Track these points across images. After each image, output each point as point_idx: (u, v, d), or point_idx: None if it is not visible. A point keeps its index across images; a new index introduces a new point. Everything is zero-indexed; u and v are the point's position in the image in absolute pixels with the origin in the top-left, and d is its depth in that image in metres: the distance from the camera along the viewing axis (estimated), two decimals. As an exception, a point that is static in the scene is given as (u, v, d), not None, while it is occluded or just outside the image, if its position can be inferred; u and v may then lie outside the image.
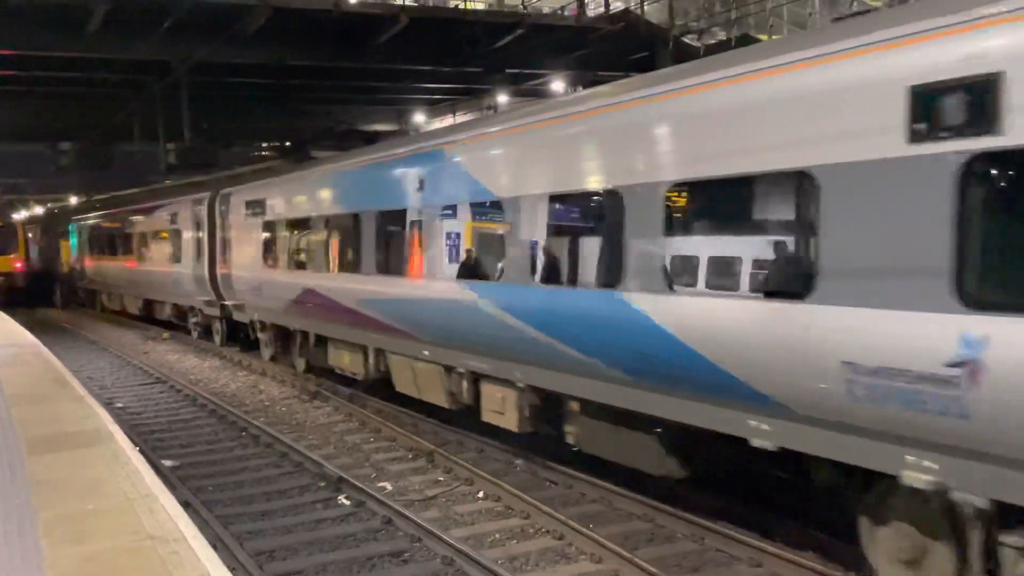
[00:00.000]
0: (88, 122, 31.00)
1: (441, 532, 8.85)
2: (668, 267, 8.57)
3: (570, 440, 10.39)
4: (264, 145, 41.00)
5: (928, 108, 5.94)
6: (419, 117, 33.45)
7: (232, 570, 5.83)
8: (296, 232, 17.63)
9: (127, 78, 25.66)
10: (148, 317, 29.75)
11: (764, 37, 21.21)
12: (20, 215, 58.17)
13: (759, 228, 8.71)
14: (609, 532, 8.87)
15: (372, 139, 29.86)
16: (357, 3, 21.63)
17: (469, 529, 9.29)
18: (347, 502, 10.30)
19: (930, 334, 5.88)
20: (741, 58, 7.88)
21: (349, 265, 14.90)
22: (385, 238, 13.84)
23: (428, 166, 12.51)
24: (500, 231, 11.32)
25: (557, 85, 26.19)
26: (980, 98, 5.63)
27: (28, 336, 19.56)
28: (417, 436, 12.98)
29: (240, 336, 22.48)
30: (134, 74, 25.06)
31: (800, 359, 6.77)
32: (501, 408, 11.19)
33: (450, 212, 12.34)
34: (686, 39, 22.46)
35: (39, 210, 63.05)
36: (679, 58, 19.28)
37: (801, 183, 7.29)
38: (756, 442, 7.54)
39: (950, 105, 5.82)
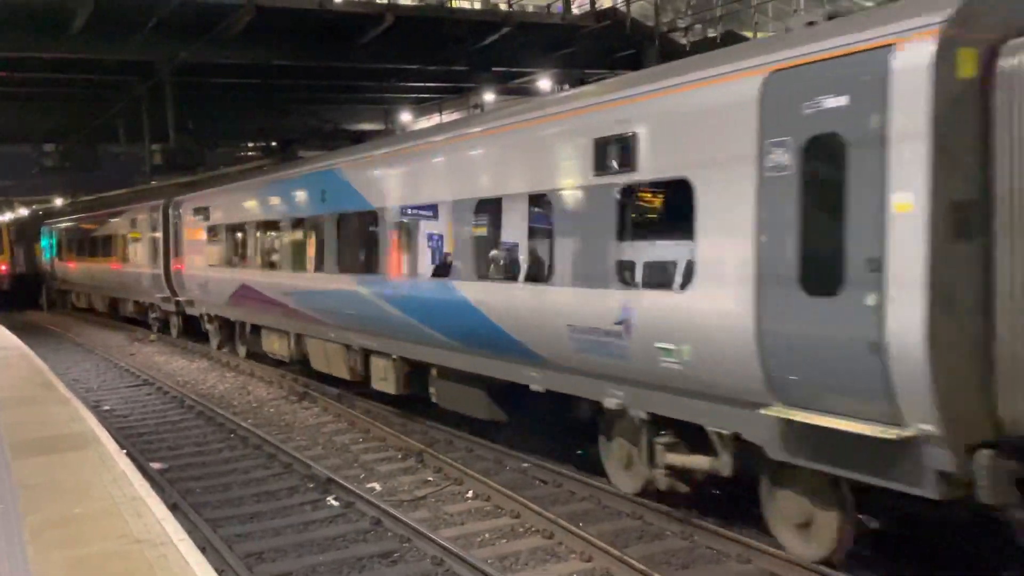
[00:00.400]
0: (72, 123, 30.83)
1: (431, 532, 8.84)
2: (476, 262, 11.52)
3: (433, 399, 13.10)
4: (250, 145, 40.88)
5: (602, 153, 9.14)
6: (405, 116, 33.41)
7: (221, 572, 5.81)
8: (233, 235, 20.52)
9: (111, 79, 25.54)
10: (123, 316, 31.57)
11: (749, 34, 21.26)
12: (5, 217, 57.83)
13: (523, 233, 11.32)
14: (599, 530, 8.88)
15: (359, 138, 29.82)
16: (342, 2, 21.57)
17: (459, 529, 9.28)
18: (336, 503, 10.27)
19: (607, 304, 8.97)
20: (492, 118, 12.32)
21: (273, 263, 18.11)
22: (298, 240, 16.83)
23: (326, 182, 15.46)
24: (376, 234, 13.79)
25: (544, 83, 26.20)
26: (625, 149, 8.84)
27: (13, 339, 19.47)
28: (406, 436, 12.96)
29: (194, 329, 24.74)
30: (118, 75, 24.93)
31: (549, 324, 9.83)
32: (384, 376, 14.02)
33: (342, 219, 15.05)
34: (672, 36, 22.50)
35: (24, 212, 62.73)
36: (665, 55, 19.30)
37: (542, 202, 10.36)
38: (533, 387, 10.50)
39: (612, 152, 9.01)
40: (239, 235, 20.17)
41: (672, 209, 9.55)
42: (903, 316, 6.29)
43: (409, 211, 13.04)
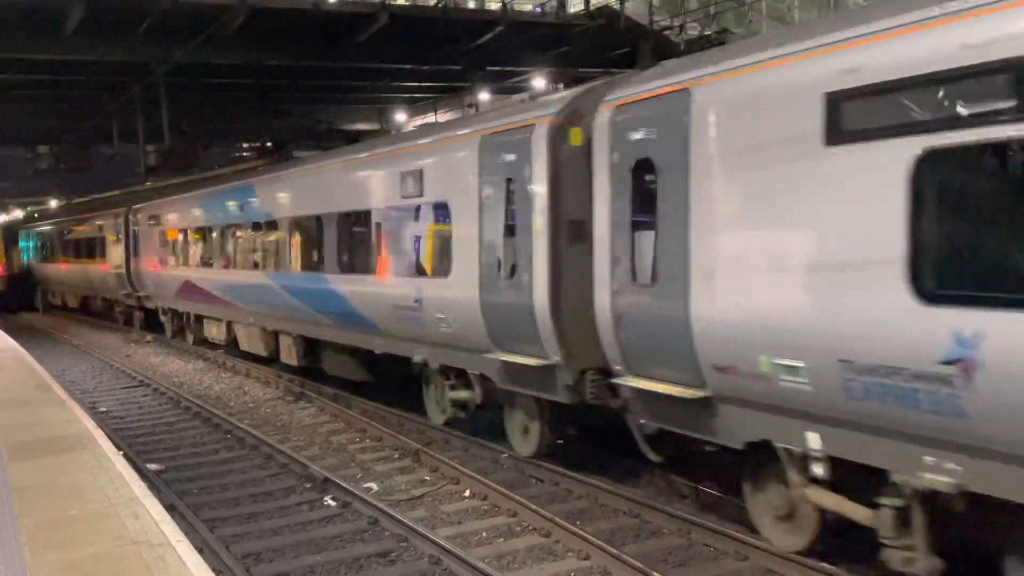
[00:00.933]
0: (66, 125, 30.76)
1: (428, 531, 8.84)
2: (339, 259, 15.11)
3: (325, 368, 16.89)
4: (245, 145, 40.84)
5: (405, 182, 12.95)
6: (400, 116, 33.38)
7: (219, 573, 5.80)
8: (178, 239, 24.10)
9: (105, 80, 25.46)
10: (93, 311, 35.53)
11: (743, 31, 21.27)
12: (-1, 219, 57.71)
13: (367, 238, 14.22)
14: (596, 529, 8.89)
15: (354, 138, 29.83)
16: (336, 1, 21.53)
17: (456, 528, 9.28)
18: (333, 503, 10.27)
19: (410, 289, 12.61)
20: (347, 152, 16.18)
21: (208, 263, 21.84)
22: (227, 243, 20.62)
23: (244, 196, 19.66)
24: (280, 238, 17.60)
25: (538, 82, 26.18)
26: (417, 180, 12.66)
27: (8, 340, 19.42)
28: (403, 436, 12.96)
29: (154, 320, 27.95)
30: (112, 76, 24.86)
31: (383, 304, 13.38)
32: (289, 353, 17.72)
33: (256, 225, 18.86)
34: (666, 34, 22.48)
35: (19, 213, 62.60)
36: (660, 54, 19.30)
37: (375, 215, 13.84)
38: (376, 351, 14.35)
39: (410, 182, 12.88)
40: (182, 239, 23.79)
41: (446, 222, 12.16)
42: (540, 291, 10.02)
43: (298, 220, 16.86)
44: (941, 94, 5.96)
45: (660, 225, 8.52)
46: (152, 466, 12.01)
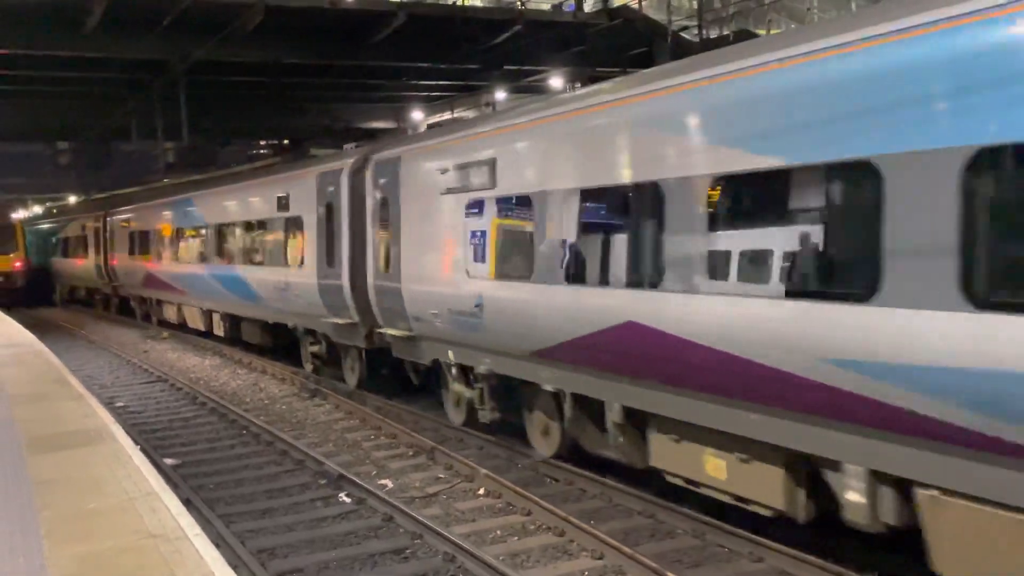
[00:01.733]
0: (86, 121, 31.01)
1: (442, 529, 8.86)
2: (242, 252, 20.54)
3: (245, 338, 21.82)
4: (263, 143, 41.01)
5: (281, 202, 18.26)
6: (417, 114, 33.43)
7: (234, 568, 5.83)
8: (143, 238, 29.08)
9: (125, 77, 25.67)
10: (78, 299, 41.44)
11: (762, 32, 21.21)
12: (19, 215, 58.09)
13: (258, 241, 19.83)
14: (610, 528, 8.89)
15: (371, 136, 29.89)
16: (355, 0, 21.61)
17: (470, 526, 9.30)
18: (348, 500, 10.31)
19: (283, 277, 17.91)
20: (238, 177, 23.34)
21: (163, 257, 26.74)
22: (178, 242, 25.54)
23: (186, 205, 25.03)
24: (209, 239, 22.95)
25: (556, 81, 26.19)
26: (285, 201, 17.90)
27: (28, 335, 19.58)
28: (417, 433, 12.99)
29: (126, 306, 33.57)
30: (132, 73, 25.06)
31: (271, 287, 18.39)
32: (220, 328, 23.10)
33: (198, 230, 24.08)
34: (684, 34, 22.45)
35: (38, 209, 63.04)
36: (677, 53, 19.28)
37: (258, 225, 19.15)
38: (270, 321, 19.68)
39: (282, 202, 18.11)
40: (143, 237, 28.93)
41: (301, 230, 17.40)
42: (344, 276, 15.29)
43: (219, 226, 22.20)
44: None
45: (391, 235, 13.75)
46: (169, 461, 12.09)
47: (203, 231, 23.42)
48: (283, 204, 18.04)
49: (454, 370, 12.50)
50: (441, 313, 12.01)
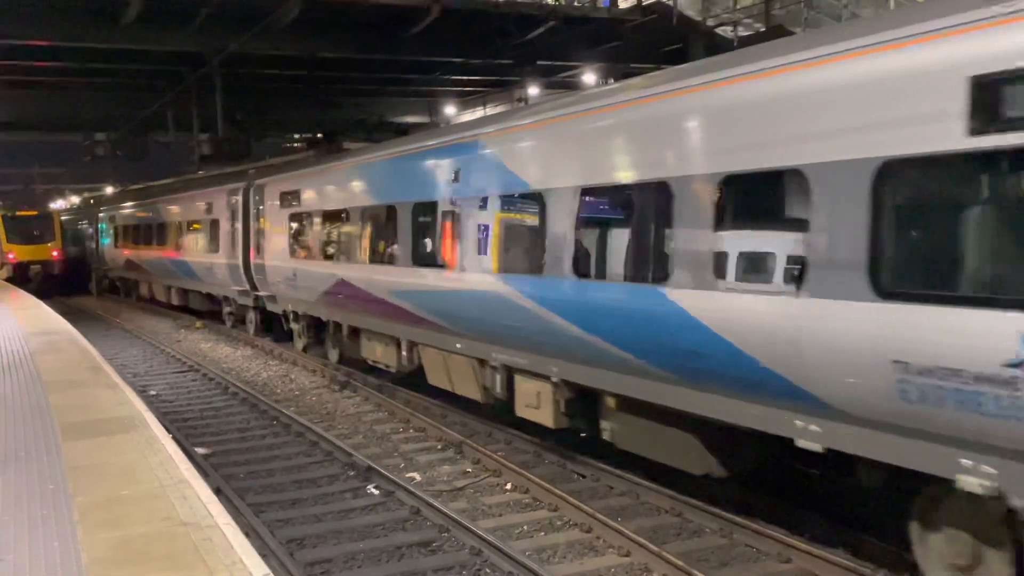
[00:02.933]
0: (123, 113, 31.32)
1: (469, 523, 8.89)
2: (185, 243, 27.74)
3: (192, 305, 28.51)
4: (296, 136, 41.22)
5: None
6: (450, 109, 33.45)
7: (263, 557, 5.88)
8: (127, 231, 35.53)
9: (162, 69, 25.90)
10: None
11: (798, 30, 20.98)
12: (57, 205, 58.91)
13: (199, 234, 26.48)
14: (637, 526, 8.87)
15: (403, 131, 29.96)
16: (389, -6, 21.63)
17: (497, 520, 9.32)
18: (376, 492, 10.37)
19: (209, 259, 25.36)
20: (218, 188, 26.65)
21: (143, 246, 32.62)
22: (149, 237, 31.72)
23: (152, 210, 31.87)
24: (161, 238, 30.47)
25: (589, 77, 26.09)
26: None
27: (64, 323, 19.85)
28: (446, 427, 13.03)
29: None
30: (168, 65, 25.28)
31: (204, 269, 25.98)
32: (169, 298, 30.55)
33: (157, 231, 31.18)
34: (720, 31, 22.27)
35: (75, 199, 63.87)
36: (712, 50, 19.13)
37: (201, 225, 26.43)
38: (214, 294, 26.34)
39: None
40: (129, 231, 35.23)
41: (219, 227, 24.45)
42: (241, 259, 22.55)
43: (186, 226, 28.21)
44: None
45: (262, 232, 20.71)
46: (200, 450, 12.22)
47: (170, 233, 30.25)
48: (209, 209, 25.37)
49: (291, 315, 19.89)
50: (282, 280, 19.53)
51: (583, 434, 11.12)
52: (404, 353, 14.34)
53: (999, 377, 5.49)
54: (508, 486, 10.47)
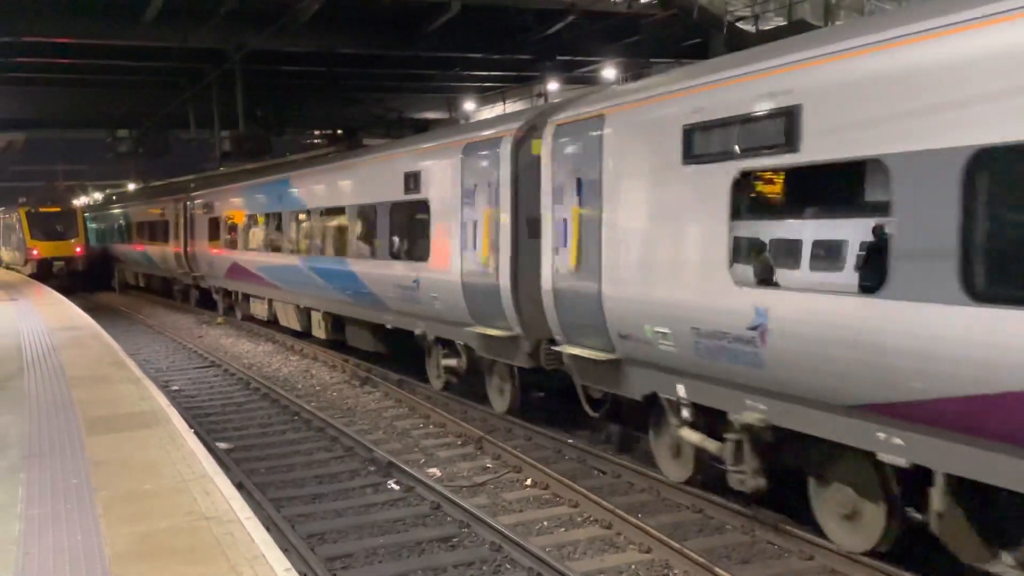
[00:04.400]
0: (145, 110, 31.58)
1: (489, 519, 8.88)
2: (143, 238, 36.74)
3: (131, 282, 41.31)
4: (316, 133, 41.38)
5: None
6: (469, 105, 33.46)
7: (284, 552, 5.91)
8: (111, 226, 43.16)
9: (183, 66, 26.05)
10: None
11: (821, 24, 20.81)
12: (81, 201, 59.36)
13: (156, 232, 34.64)
14: (658, 522, 8.84)
15: (423, 127, 30.00)
16: (409, -10, 21.66)
17: (517, 516, 9.31)
18: (396, 487, 10.38)
19: (160, 249, 33.68)
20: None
21: (129, 239, 39.13)
22: (128, 234, 39.44)
23: (128, 208, 40.72)
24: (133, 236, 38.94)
25: (608, 72, 26.02)
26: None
27: (87, 319, 20.02)
28: (466, 423, 13.03)
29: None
30: (190, 63, 25.43)
31: (170, 261, 32.40)
32: (136, 280, 41.15)
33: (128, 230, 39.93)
34: (740, 25, 22.13)
35: (98, 196, 64.37)
36: (733, 44, 19.01)
37: (159, 223, 34.48)
38: (167, 277, 35.24)
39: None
40: (117, 228, 42.01)
41: (168, 227, 32.83)
42: (182, 246, 30.12)
43: (144, 224, 36.22)
44: None
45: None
46: (222, 444, 12.28)
47: (135, 231, 38.46)
48: (160, 213, 29.82)
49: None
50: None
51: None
52: (267, 307, 23.58)
53: None
54: (528, 482, 10.46)
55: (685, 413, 9.14)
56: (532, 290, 11.48)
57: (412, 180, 14.59)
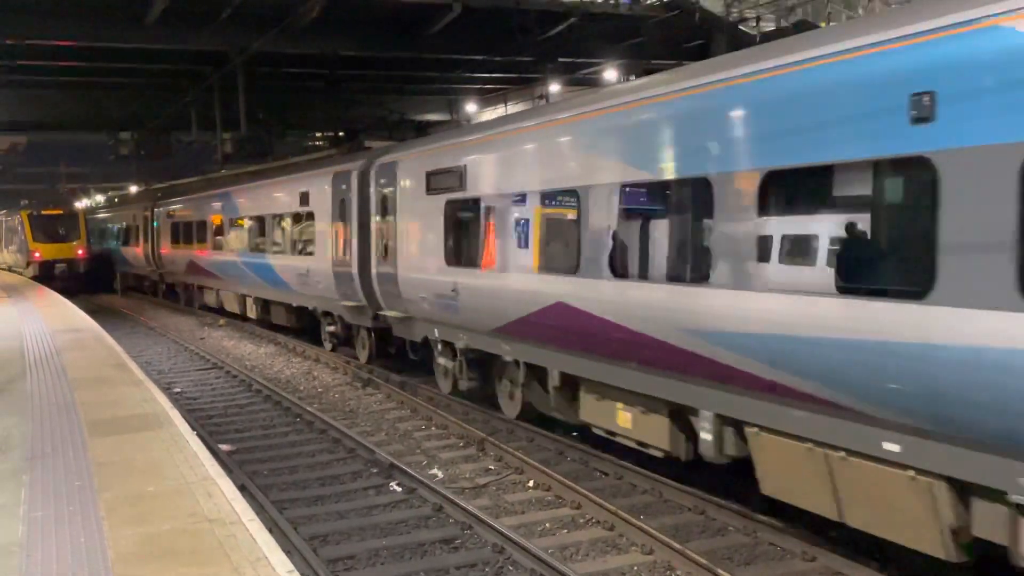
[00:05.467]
0: (147, 112, 31.61)
1: (491, 520, 8.89)
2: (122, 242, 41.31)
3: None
4: (318, 135, 41.40)
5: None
6: (471, 107, 33.46)
7: (287, 554, 5.91)
8: (97, 230, 45.65)
9: (185, 69, 26.09)
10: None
11: (823, 24, 20.84)
12: (82, 203, 59.42)
13: (129, 236, 39.63)
14: (660, 524, 8.84)
15: (424, 129, 30.02)
16: (410, -8, 21.68)
17: (519, 518, 9.31)
18: (399, 489, 10.39)
19: (133, 251, 39.14)
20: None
21: (105, 241, 44.63)
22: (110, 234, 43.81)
23: (110, 214, 45.94)
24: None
25: (610, 74, 26.02)
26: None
27: (89, 321, 20.04)
28: (468, 424, 13.03)
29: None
30: (192, 65, 25.47)
31: (140, 257, 37.61)
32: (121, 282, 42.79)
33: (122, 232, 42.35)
34: (742, 26, 22.15)
35: (100, 198, 64.43)
36: (735, 46, 19.02)
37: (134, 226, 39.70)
38: (140, 273, 39.80)
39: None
40: (109, 229, 44.09)
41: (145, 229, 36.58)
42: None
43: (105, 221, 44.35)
44: None
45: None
46: (224, 447, 12.29)
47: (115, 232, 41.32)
48: (132, 219, 33.62)
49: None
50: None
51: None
52: (216, 296, 28.97)
53: None
54: (530, 483, 10.47)
55: (439, 347, 14.57)
56: (368, 275, 16.84)
57: (304, 197, 20.07)
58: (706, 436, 8.64)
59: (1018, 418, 5.58)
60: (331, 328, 19.83)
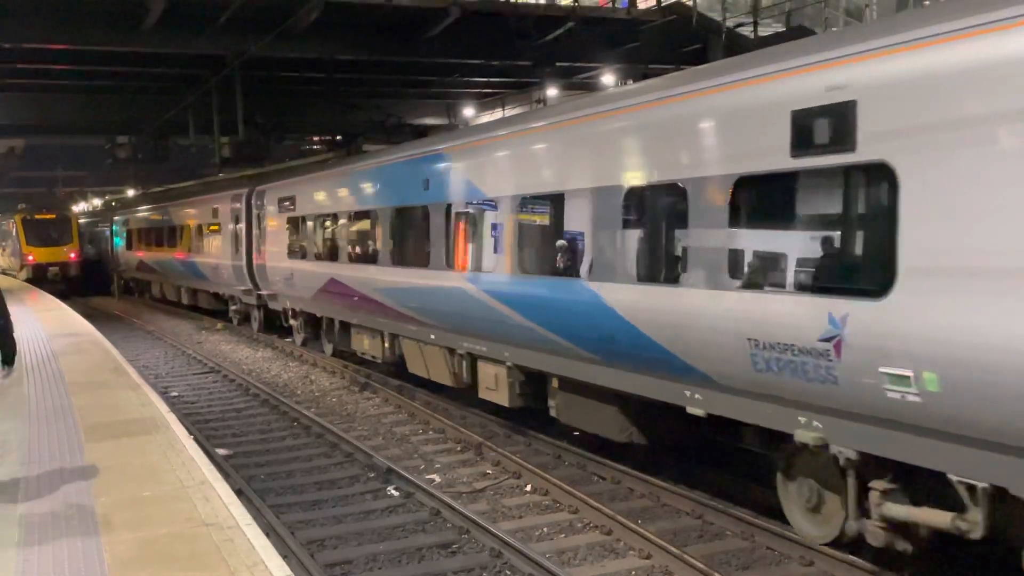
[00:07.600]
0: (144, 116, 31.61)
1: (489, 525, 8.88)
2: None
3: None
4: (316, 139, 41.42)
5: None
6: (468, 111, 33.50)
7: (284, 558, 5.90)
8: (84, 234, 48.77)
9: (183, 73, 26.12)
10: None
11: (820, 29, 20.85)
12: (77, 208, 59.35)
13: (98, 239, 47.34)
14: (658, 528, 8.83)
15: (422, 132, 30.02)
16: (409, -4, 21.71)
17: (517, 522, 9.30)
18: (396, 493, 10.38)
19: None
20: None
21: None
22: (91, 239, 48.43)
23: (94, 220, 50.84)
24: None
25: (608, 78, 26.06)
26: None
27: (87, 325, 20.02)
28: (465, 429, 13.03)
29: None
30: (189, 69, 25.50)
31: (130, 258, 39.78)
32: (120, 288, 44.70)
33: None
34: (739, 31, 22.17)
35: (97, 202, 64.38)
36: (732, 50, 19.04)
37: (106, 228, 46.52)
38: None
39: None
40: (113, 231, 43.75)
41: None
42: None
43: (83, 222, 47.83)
44: None
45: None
46: (221, 451, 12.27)
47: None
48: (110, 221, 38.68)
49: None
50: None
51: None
52: (159, 289, 35.38)
53: None
54: (528, 488, 10.46)
55: (291, 314, 21.05)
56: (252, 267, 23.17)
57: (214, 212, 26.26)
58: (387, 345, 15.84)
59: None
60: (234, 307, 26.62)
